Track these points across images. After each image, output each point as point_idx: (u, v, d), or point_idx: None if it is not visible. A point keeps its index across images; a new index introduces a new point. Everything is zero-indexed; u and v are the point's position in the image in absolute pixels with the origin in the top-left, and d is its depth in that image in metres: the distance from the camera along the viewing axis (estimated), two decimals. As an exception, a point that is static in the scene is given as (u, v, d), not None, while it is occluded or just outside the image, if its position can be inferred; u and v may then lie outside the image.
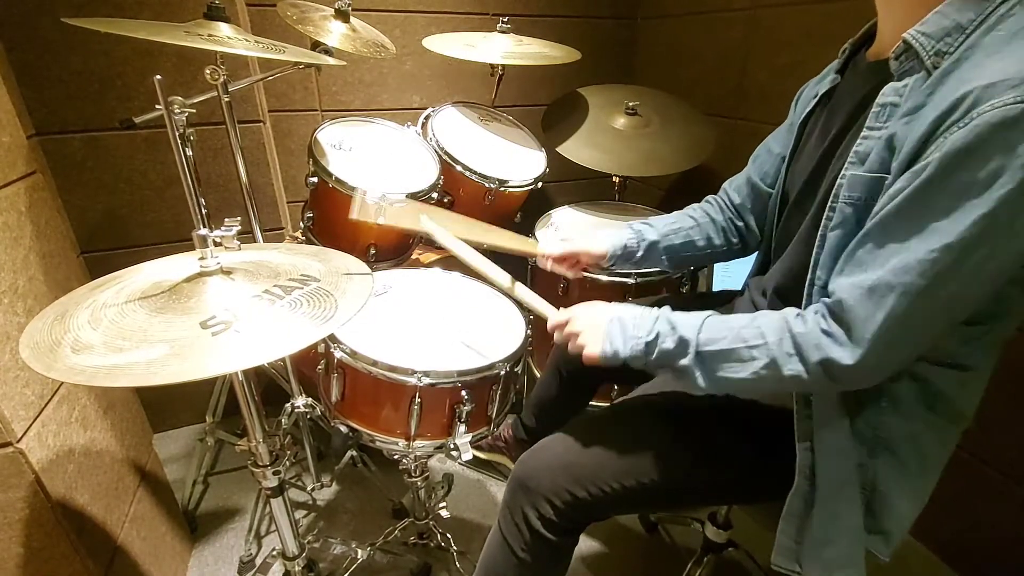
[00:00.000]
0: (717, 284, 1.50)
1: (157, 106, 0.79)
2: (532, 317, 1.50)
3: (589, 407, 1.30)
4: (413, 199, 1.29)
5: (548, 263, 1.06)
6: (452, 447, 0.97)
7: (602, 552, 1.40)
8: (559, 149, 1.63)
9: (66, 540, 0.90)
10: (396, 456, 1.07)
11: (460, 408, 0.94)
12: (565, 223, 1.60)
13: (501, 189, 1.47)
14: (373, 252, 1.36)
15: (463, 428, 0.96)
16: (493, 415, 1.01)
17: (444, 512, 1.24)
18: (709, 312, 0.74)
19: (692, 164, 1.59)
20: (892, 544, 0.75)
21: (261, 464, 0.88)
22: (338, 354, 0.94)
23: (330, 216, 1.34)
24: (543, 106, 1.84)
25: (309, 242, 1.39)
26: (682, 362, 0.73)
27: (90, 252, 1.52)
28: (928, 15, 0.61)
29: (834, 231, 0.68)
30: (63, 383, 0.94)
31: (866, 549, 0.75)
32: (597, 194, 1.79)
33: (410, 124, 1.50)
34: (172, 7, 1.35)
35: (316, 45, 1.23)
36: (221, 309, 0.64)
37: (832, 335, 0.63)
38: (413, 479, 1.17)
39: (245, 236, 0.79)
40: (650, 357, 0.75)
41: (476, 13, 1.91)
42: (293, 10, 1.29)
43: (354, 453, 1.54)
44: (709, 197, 1.08)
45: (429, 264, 1.56)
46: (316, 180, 1.26)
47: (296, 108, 1.79)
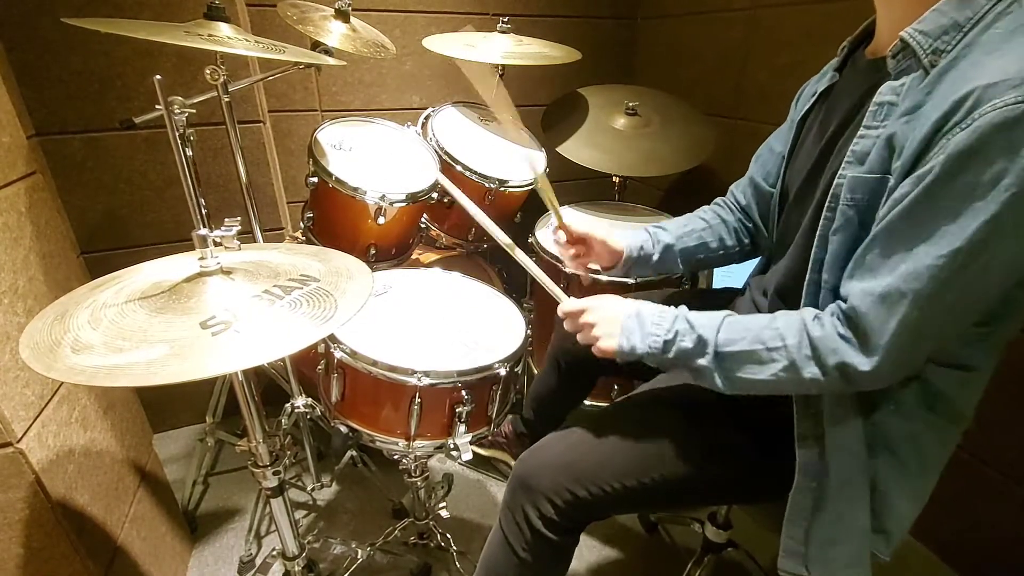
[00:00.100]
0: (717, 282, 1.50)
1: (157, 106, 0.79)
2: (532, 317, 1.49)
3: (588, 408, 1.29)
4: (413, 199, 1.30)
5: (567, 235, 1.02)
6: (452, 447, 0.97)
7: (602, 552, 1.40)
8: (559, 149, 1.63)
9: (66, 540, 0.90)
10: (396, 456, 1.07)
11: (460, 408, 0.94)
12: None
13: (501, 189, 1.47)
14: (373, 252, 1.36)
15: (463, 428, 0.96)
16: (493, 415, 1.01)
17: (444, 512, 1.24)
18: (727, 312, 0.74)
19: (692, 164, 1.59)
20: (892, 544, 0.75)
21: (261, 464, 0.88)
22: (338, 354, 0.94)
23: (330, 216, 1.34)
24: (543, 106, 1.84)
25: (309, 242, 1.39)
26: (700, 362, 0.72)
27: (90, 252, 1.52)
28: (926, 13, 0.61)
29: (836, 234, 0.67)
30: (63, 383, 0.94)
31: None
32: (597, 194, 1.79)
33: (410, 124, 1.50)
34: (172, 7, 1.35)
35: (316, 45, 1.23)
36: (221, 309, 0.64)
37: (849, 340, 0.63)
38: (413, 479, 1.17)
39: (245, 236, 0.79)
40: (667, 355, 0.74)
41: (476, 13, 1.91)
42: (293, 10, 1.29)
43: (354, 453, 1.54)
44: (718, 199, 1.07)
45: (429, 264, 1.56)
46: (316, 180, 1.26)
47: (296, 108, 1.79)
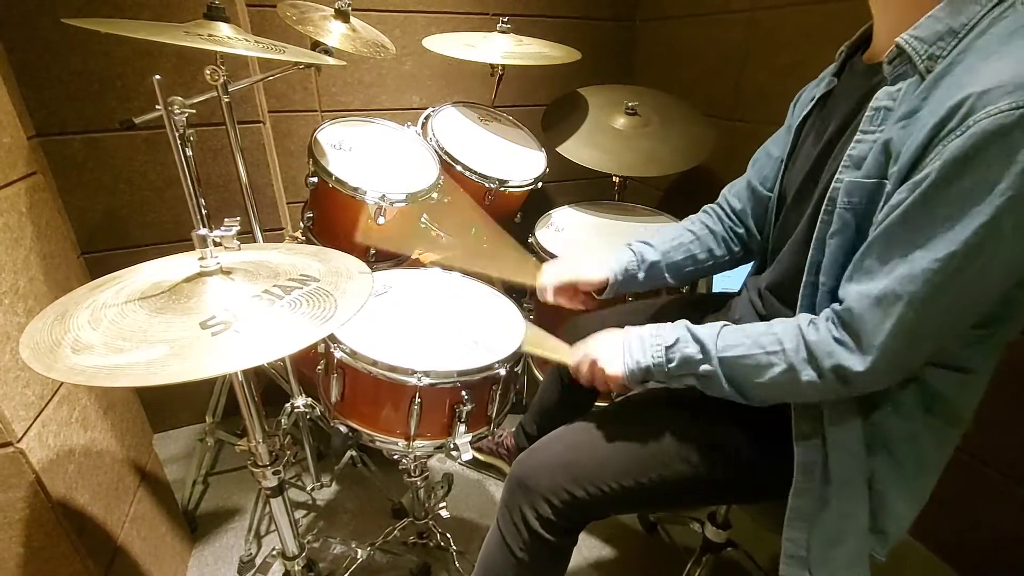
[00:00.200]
0: (717, 286, 1.50)
1: (157, 106, 0.79)
2: (532, 317, 1.49)
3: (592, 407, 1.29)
4: (413, 199, 1.30)
5: (549, 294, 1.06)
6: (452, 447, 0.97)
7: (602, 552, 1.40)
8: (559, 149, 1.63)
9: (66, 540, 0.90)
10: (396, 456, 1.07)
11: (460, 408, 0.94)
12: (565, 223, 1.60)
13: (501, 189, 1.47)
14: (373, 252, 1.36)
15: (463, 428, 0.96)
16: (493, 415, 1.01)
17: (444, 512, 1.24)
18: (723, 322, 0.75)
19: (691, 164, 1.59)
20: (889, 544, 0.75)
21: (261, 464, 0.88)
22: (338, 354, 0.94)
23: (330, 216, 1.34)
24: (543, 106, 1.84)
25: (309, 242, 1.39)
26: (704, 368, 0.73)
27: (90, 253, 1.52)
28: (921, 19, 0.61)
29: (834, 237, 0.68)
30: (63, 383, 0.94)
31: (865, 549, 0.75)
32: (597, 194, 1.79)
33: (410, 124, 1.50)
34: (172, 7, 1.35)
35: (316, 45, 1.23)
36: (221, 309, 0.64)
37: (843, 343, 0.64)
38: (413, 479, 1.17)
39: (245, 236, 0.79)
40: (671, 364, 0.75)
41: (476, 13, 1.91)
42: (293, 10, 1.29)
43: (354, 453, 1.54)
44: (706, 207, 1.07)
45: (429, 264, 1.56)
46: (316, 180, 1.26)
47: (296, 108, 1.79)
